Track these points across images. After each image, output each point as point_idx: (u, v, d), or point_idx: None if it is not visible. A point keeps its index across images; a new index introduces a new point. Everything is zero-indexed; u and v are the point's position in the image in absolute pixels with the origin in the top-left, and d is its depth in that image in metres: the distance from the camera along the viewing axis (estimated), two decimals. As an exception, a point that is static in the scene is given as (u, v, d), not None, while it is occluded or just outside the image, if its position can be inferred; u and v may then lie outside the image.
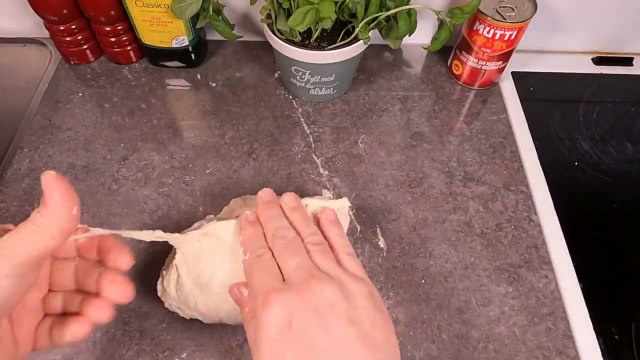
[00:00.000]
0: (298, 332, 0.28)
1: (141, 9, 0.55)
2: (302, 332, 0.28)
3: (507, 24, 0.54)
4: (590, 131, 0.61)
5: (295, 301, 0.29)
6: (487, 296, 0.46)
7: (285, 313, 0.29)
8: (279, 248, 0.34)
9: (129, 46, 0.62)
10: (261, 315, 0.29)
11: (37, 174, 0.52)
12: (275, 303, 0.29)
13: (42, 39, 0.65)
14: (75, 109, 0.59)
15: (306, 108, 0.60)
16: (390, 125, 0.59)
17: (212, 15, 0.54)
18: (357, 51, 0.54)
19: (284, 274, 0.32)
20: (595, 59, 0.69)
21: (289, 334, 0.28)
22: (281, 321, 0.29)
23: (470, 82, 0.63)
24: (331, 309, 0.29)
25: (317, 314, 0.29)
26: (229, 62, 0.65)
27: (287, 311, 0.29)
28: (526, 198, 0.53)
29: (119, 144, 0.56)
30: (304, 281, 0.30)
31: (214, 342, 0.42)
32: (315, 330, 0.28)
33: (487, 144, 0.58)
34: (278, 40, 0.53)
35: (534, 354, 0.42)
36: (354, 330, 0.29)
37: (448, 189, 0.53)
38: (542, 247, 0.49)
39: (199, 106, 0.60)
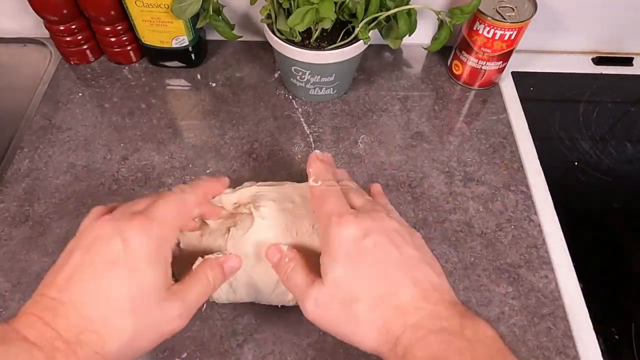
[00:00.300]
0: (373, 245, 0.31)
1: (141, 9, 0.55)
2: (377, 246, 0.31)
3: (507, 24, 0.54)
4: (590, 131, 0.61)
5: (369, 222, 0.32)
6: (487, 296, 0.46)
7: (360, 230, 0.31)
8: (346, 189, 0.37)
9: (129, 46, 0.62)
10: (336, 231, 0.31)
11: (37, 174, 0.53)
12: (352, 221, 0.32)
13: (42, 39, 0.65)
14: (75, 109, 0.59)
15: (306, 108, 0.60)
16: (390, 125, 0.59)
17: (212, 15, 0.54)
18: (357, 51, 0.54)
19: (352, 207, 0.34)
20: (595, 59, 0.69)
21: (364, 246, 0.31)
22: (358, 235, 0.31)
23: (470, 82, 0.63)
24: (399, 235, 0.32)
25: (387, 235, 0.32)
26: (229, 62, 0.65)
27: (362, 228, 0.31)
28: (526, 198, 0.53)
29: (119, 144, 0.56)
30: (375, 211, 0.33)
31: (214, 342, 0.42)
32: (388, 247, 0.31)
33: (487, 144, 0.58)
34: (278, 40, 0.53)
35: (534, 354, 0.42)
36: (420, 256, 0.32)
37: (448, 189, 0.53)
38: (542, 247, 0.49)
39: (199, 106, 0.60)
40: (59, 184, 0.52)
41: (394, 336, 0.29)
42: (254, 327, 0.43)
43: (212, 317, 0.44)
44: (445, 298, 0.30)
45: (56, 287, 0.29)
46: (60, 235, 0.48)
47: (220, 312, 0.44)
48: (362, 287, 0.30)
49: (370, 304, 0.30)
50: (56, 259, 0.46)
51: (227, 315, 0.44)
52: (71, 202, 0.50)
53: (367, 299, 0.30)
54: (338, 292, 0.31)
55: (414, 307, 0.29)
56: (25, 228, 0.48)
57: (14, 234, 0.48)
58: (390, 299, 0.29)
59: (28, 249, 0.47)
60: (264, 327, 0.43)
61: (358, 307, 0.30)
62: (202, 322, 0.43)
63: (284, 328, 0.43)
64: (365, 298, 0.30)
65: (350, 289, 0.30)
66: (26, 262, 0.46)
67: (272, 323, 0.43)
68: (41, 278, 0.44)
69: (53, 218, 0.49)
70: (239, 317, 0.44)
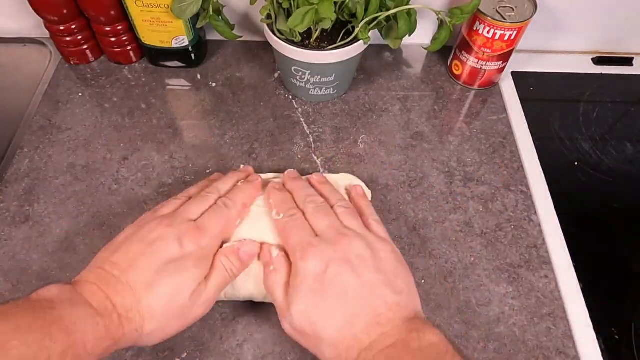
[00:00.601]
0: (333, 277, 0.34)
1: (141, 9, 0.55)
2: (337, 277, 0.34)
3: (507, 24, 0.54)
4: (590, 131, 0.61)
5: (330, 252, 0.35)
6: (487, 296, 0.46)
7: (322, 263, 0.34)
8: (310, 210, 0.39)
9: (129, 46, 0.62)
10: (300, 266, 0.35)
11: (37, 174, 0.53)
12: (313, 255, 0.35)
13: (42, 39, 0.65)
14: (75, 109, 0.59)
15: (306, 108, 0.60)
16: (390, 125, 0.59)
17: (212, 15, 0.54)
18: (357, 51, 0.54)
19: (316, 232, 0.37)
20: (595, 59, 0.69)
21: (325, 279, 0.34)
22: (319, 269, 0.34)
23: (470, 82, 0.63)
24: (361, 260, 0.35)
25: (348, 264, 0.34)
26: (229, 62, 0.65)
27: (324, 261, 0.34)
28: (526, 198, 0.53)
29: (119, 144, 0.56)
30: (335, 237, 0.36)
31: (214, 342, 0.42)
32: (348, 276, 0.34)
33: (487, 144, 0.58)
34: (278, 40, 0.53)
35: (534, 354, 0.42)
36: (380, 277, 0.34)
37: (448, 189, 0.53)
38: (542, 247, 0.49)
39: (199, 106, 0.60)
40: (59, 184, 0.52)
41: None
42: (254, 327, 0.43)
43: (212, 317, 0.44)
44: (398, 316, 0.33)
45: (118, 268, 0.34)
46: (60, 235, 0.48)
47: (220, 312, 0.44)
48: (323, 321, 0.33)
49: (331, 337, 0.33)
50: (56, 259, 0.46)
51: (227, 315, 0.44)
52: (71, 202, 0.50)
53: (329, 332, 0.33)
54: (304, 326, 0.34)
55: (367, 333, 0.32)
56: (25, 228, 0.48)
57: (14, 234, 0.48)
58: (348, 329, 0.33)
59: (28, 249, 0.47)
60: (264, 327, 0.43)
61: (322, 344, 0.33)
62: (202, 322, 0.43)
63: (284, 328, 0.43)
64: (326, 331, 0.33)
65: (312, 321, 0.33)
66: (26, 262, 0.46)
67: (272, 323, 0.43)
68: (41, 278, 0.45)
69: (53, 218, 0.49)
70: (239, 317, 0.44)
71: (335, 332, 0.33)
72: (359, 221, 0.39)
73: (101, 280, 0.33)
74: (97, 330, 0.31)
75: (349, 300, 0.33)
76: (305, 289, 0.34)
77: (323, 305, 0.34)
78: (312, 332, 0.33)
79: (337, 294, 0.34)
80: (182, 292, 0.35)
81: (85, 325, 0.30)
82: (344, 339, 0.32)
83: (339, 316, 0.33)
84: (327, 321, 0.33)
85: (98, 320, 0.31)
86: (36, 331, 0.27)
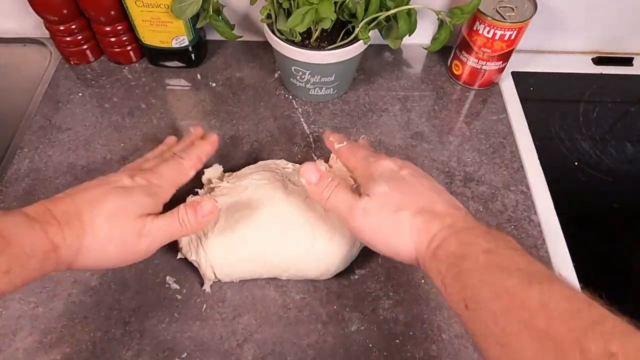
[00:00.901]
0: (407, 175, 0.38)
1: (141, 9, 0.55)
2: (410, 176, 0.38)
3: (507, 24, 0.54)
4: (590, 131, 0.61)
5: (400, 161, 0.40)
6: (487, 296, 0.46)
7: (396, 164, 0.39)
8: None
9: (129, 46, 0.62)
10: (377, 164, 0.39)
11: (37, 174, 0.52)
12: (388, 160, 0.39)
13: (42, 39, 0.65)
14: (75, 109, 0.59)
15: (306, 108, 0.60)
16: (390, 125, 0.59)
17: (212, 15, 0.54)
18: (357, 51, 0.54)
19: None
20: (595, 59, 0.69)
21: (401, 175, 0.38)
22: (395, 167, 0.38)
23: (470, 82, 0.63)
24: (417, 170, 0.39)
25: (416, 170, 0.39)
26: (229, 62, 0.65)
27: (398, 164, 0.39)
28: (526, 198, 0.53)
29: (119, 144, 0.56)
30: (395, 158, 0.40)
31: (214, 342, 0.42)
32: (419, 177, 0.38)
33: (487, 144, 0.58)
34: (278, 40, 0.53)
35: (534, 354, 0.42)
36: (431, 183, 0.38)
37: (448, 189, 0.53)
38: (542, 247, 0.49)
39: (199, 106, 0.60)
40: (59, 184, 0.52)
41: (431, 234, 0.33)
42: (254, 327, 0.43)
43: (212, 317, 0.44)
44: (470, 215, 0.36)
45: (68, 193, 0.36)
46: (60, 235, 0.48)
47: (220, 312, 0.44)
48: (404, 199, 0.36)
49: (413, 211, 0.35)
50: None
51: (227, 315, 0.44)
52: (71, 202, 0.50)
53: (410, 207, 0.35)
54: (385, 202, 0.36)
55: (449, 214, 0.34)
56: (25, 228, 0.48)
57: (14, 234, 0.48)
58: (429, 207, 0.35)
59: (28, 249, 0.47)
60: (264, 327, 0.43)
61: (403, 214, 0.35)
62: (202, 322, 0.43)
63: (284, 328, 0.43)
64: (408, 207, 0.35)
65: (395, 200, 0.35)
66: (26, 262, 0.46)
67: (272, 323, 0.43)
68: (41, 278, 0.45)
69: (53, 218, 0.49)
70: (238, 317, 0.44)
71: (416, 206, 0.35)
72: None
73: (46, 201, 0.35)
74: (32, 232, 0.31)
75: (425, 191, 0.37)
76: (384, 178, 0.37)
77: (403, 189, 0.36)
78: (393, 207, 0.35)
79: (414, 185, 0.37)
80: (125, 214, 0.36)
81: (20, 229, 0.31)
82: (425, 213, 0.34)
83: (420, 198, 0.36)
84: (407, 199, 0.36)
85: (34, 224, 0.32)
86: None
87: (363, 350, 0.42)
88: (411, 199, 0.35)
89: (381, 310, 0.45)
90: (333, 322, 0.44)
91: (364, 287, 0.46)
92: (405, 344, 0.43)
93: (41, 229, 0.32)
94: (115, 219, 0.35)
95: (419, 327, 0.44)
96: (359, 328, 0.44)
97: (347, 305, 0.45)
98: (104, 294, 0.45)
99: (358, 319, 0.44)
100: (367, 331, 0.43)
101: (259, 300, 0.45)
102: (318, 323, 0.44)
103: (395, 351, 0.42)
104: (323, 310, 0.44)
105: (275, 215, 0.43)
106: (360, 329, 0.43)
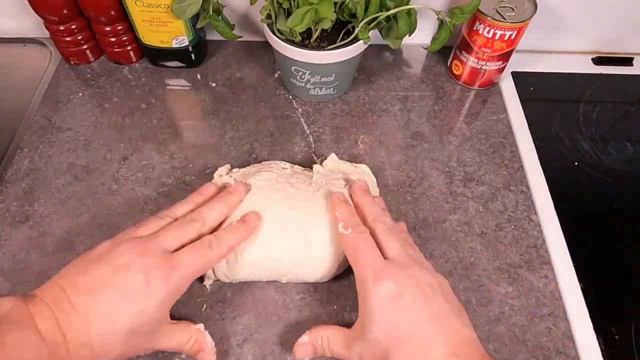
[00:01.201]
0: (407, 303, 0.33)
1: (141, 9, 0.55)
2: (411, 304, 0.33)
3: (507, 24, 0.54)
4: (590, 131, 0.61)
5: (404, 278, 0.34)
6: (487, 296, 0.46)
7: (397, 287, 0.34)
8: (381, 231, 0.39)
9: (129, 46, 0.62)
10: (374, 287, 0.34)
11: (37, 174, 0.53)
12: (389, 278, 0.34)
13: (42, 39, 0.65)
14: (75, 109, 0.59)
15: (306, 108, 0.60)
16: (390, 125, 0.59)
17: (212, 15, 0.54)
18: (357, 51, 0.54)
19: (385, 254, 0.37)
20: (595, 59, 0.69)
21: (399, 304, 0.33)
22: (393, 293, 0.34)
23: (470, 82, 0.63)
24: (431, 289, 0.34)
25: (421, 291, 0.34)
26: (229, 62, 0.65)
27: (399, 286, 0.34)
28: (526, 198, 0.53)
29: (119, 144, 0.56)
30: (407, 263, 0.36)
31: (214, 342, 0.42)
32: (422, 303, 0.34)
33: (487, 144, 0.58)
34: (278, 40, 0.53)
35: (534, 354, 0.42)
36: (449, 307, 0.34)
37: (448, 189, 0.53)
38: (542, 247, 0.49)
39: (199, 106, 0.60)
40: (59, 184, 0.52)
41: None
42: (254, 327, 0.43)
43: (212, 317, 0.44)
44: (474, 353, 0.32)
45: (76, 291, 0.32)
46: (60, 235, 0.48)
47: (220, 312, 0.44)
48: (398, 344, 0.33)
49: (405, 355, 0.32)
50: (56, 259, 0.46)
51: (227, 315, 0.44)
52: (71, 202, 0.50)
53: (403, 350, 0.32)
54: (376, 348, 0.33)
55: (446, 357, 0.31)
56: (25, 228, 0.48)
57: (14, 234, 0.48)
58: (425, 347, 0.32)
59: (28, 249, 0.47)
60: (264, 327, 0.43)
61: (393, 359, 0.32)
62: (202, 322, 0.43)
63: (284, 328, 0.43)
64: (400, 349, 0.32)
65: (387, 346, 0.33)
66: (26, 262, 0.46)
67: (272, 323, 0.43)
68: (41, 278, 0.45)
69: (53, 218, 0.49)
70: (239, 317, 0.44)
71: (410, 345, 0.32)
72: (418, 250, 0.39)
73: (57, 304, 0.32)
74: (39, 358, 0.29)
75: (424, 326, 0.33)
76: (380, 313, 0.34)
77: (398, 329, 0.33)
78: (385, 355, 0.33)
79: (413, 319, 0.33)
80: (139, 333, 0.34)
81: (28, 352, 0.29)
82: (420, 354, 0.32)
83: (415, 341, 0.33)
84: (402, 344, 0.33)
85: (42, 349, 0.30)
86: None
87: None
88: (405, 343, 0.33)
89: (381, 310, 0.45)
90: (333, 322, 0.44)
91: (364, 287, 0.46)
92: (405, 344, 0.43)
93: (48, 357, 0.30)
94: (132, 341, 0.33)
95: (419, 327, 0.44)
96: (359, 328, 0.44)
97: (347, 305, 0.45)
98: (104, 294, 0.45)
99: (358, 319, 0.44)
100: (367, 331, 0.43)
101: (259, 300, 0.45)
102: (318, 323, 0.44)
103: (395, 351, 0.42)
104: (323, 310, 0.44)
105: (275, 221, 0.42)
106: (360, 329, 0.44)
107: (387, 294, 0.34)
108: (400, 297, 0.34)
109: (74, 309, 0.32)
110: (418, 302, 0.34)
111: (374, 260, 0.36)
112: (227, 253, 0.39)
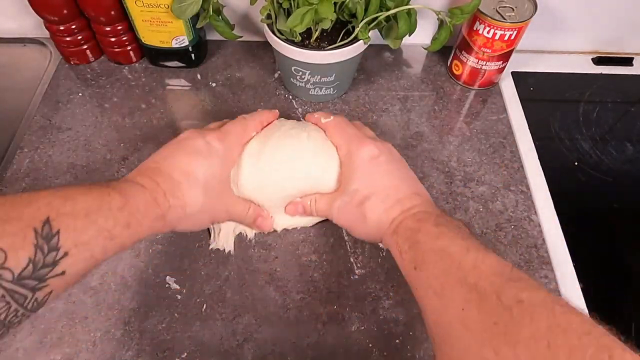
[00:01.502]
0: (384, 163, 0.42)
1: (141, 9, 0.55)
2: (387, 164, 0.43)
3: (507, 24, 0.54)
4: (590, 131, 0.61)
5: (380, 145, 0.44)
6: (487, 296, 0.46)
7: (376, 150, 0.43)
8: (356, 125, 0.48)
9: (129, 46, 0.62)
10: (358, 151, 0.43)
11: (37, 174, 0.53)
12: (371, 144, 0.43)
13: (42, 39, 0.65)
14: (75, 109, 0.59)
15: (306, 108, 0.60)
16: (390, 125, 0.59)
17: (212, 15, 0.54)
18: (357, 51, 0.54)
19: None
20: (595, 59, 0.69)
21: (377, 163, 0.42)
22: (373, 154, 0.42)
23: (470, 82, 0.63)
24: (399, 158, 0.45)
25: (393, 156, 0.44)
26: (229, 62, 0.65)
27: (378, 149, 0.43)
28: (526, 198, 0.53)
29: (119, 144, 0.56)
30: (378, 139, 0.46)
31: (214, 342, 0.42)
32: (394, 164, 0.43)
33: (487, 144, 0.58)
34: (278, 40, 0.53)
35: (534, 354, 0.42)
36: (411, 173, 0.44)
37: (448, 189, 0.53)
38: (542, 247, 0.49)
39: (199, 106, 0.60)
40: (59, 184, 0.52)
41: (392, 217, 0.39)
42: (254, 327, 0.43)
43: (212, 317, 0.44)
44: (430, 200, 0.41)
45: (155, 160, 0.40)
46: (60, 235, 0.48)
47: (220, 312, 0.44)
48: (374, 188, 0.41)
49: (378, 199, 0.40)
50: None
51: (227, 315, 0.44)
52: (71, 202, 0.50)
53: (377, 195, 0.41)
54: (354, 197, 0.41)
55: (409, 199, 0.40)
56: (25, 228, 0.48)
57: (14, 234, 0.48)
58: (394, 193, 0.40)
59: (28, 249, 0.47)
60: (264, 327, 0.43)
61: (368, 204, 0.40)
62: (202, 322, 0.43)
63: (284, 328, 0.43)
64: (375, 195, 0.41)
65: (364, 194, 0.41)
66: (26, 262, 0.46)
67: (272, 323, 0.43)
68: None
69: (53, 218, 0.49)
70: (238, 317, 0.44)
71: (383, 193, 0.40)
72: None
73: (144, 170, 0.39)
74: (145, 198, 0.36)
75: (395, 177, 0.42)
76: (361, 169, 0.42)
77: (375, 179, 0.42)
78: (361, 200, 0.41)
79: (387, 172, 0.42)
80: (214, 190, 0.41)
81: (136, 193, 0.36)
82: (388, 200, 0.40)
83: (388, 184, 0.41)
84: (377, 187, 0.41)
85: (145, 192, 0.36)
86: (97, 191, 0.33)
87: (363, 351, 0.42)
88: (380, 186, 0.41)
89: (381, 310, 0.45)
90: (333, 322, 0.44)
91: (364, 287, 0.46)
92: (405, 344, 0.43)
93: (152, 197, 0.36)
94: (208, 193, 0.40)
95: (419, 327, 0.44)
96: (359, 328, 0.44)
97: (347, 305, 0.45)
98: (104, 294, 0.45)
99: (358, 319, 0.44)
100: (367, 331, 0.43)
101: (259, 300, 0.45)
102: (318, 323, 0.44)
103: (395, 351, 0.42)
104: (323, 310, 0.44)
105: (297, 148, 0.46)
106: (360, 329, 0.44)
107: (369, 154, 0.42)
108: (378, 158, 0.42)
109: (158, 169, 0.39)
110: (391, 163, 0.43)
111: (356, 133, 0.45)
112: (257, 124, 0.47)
